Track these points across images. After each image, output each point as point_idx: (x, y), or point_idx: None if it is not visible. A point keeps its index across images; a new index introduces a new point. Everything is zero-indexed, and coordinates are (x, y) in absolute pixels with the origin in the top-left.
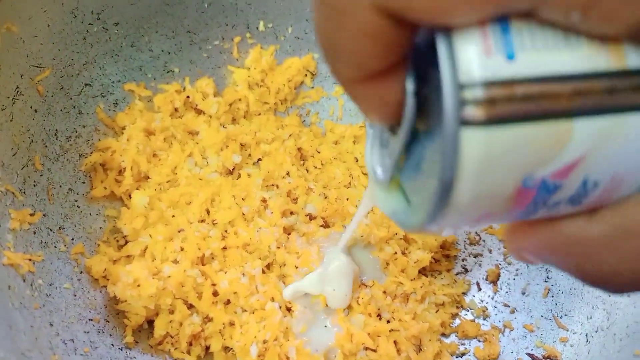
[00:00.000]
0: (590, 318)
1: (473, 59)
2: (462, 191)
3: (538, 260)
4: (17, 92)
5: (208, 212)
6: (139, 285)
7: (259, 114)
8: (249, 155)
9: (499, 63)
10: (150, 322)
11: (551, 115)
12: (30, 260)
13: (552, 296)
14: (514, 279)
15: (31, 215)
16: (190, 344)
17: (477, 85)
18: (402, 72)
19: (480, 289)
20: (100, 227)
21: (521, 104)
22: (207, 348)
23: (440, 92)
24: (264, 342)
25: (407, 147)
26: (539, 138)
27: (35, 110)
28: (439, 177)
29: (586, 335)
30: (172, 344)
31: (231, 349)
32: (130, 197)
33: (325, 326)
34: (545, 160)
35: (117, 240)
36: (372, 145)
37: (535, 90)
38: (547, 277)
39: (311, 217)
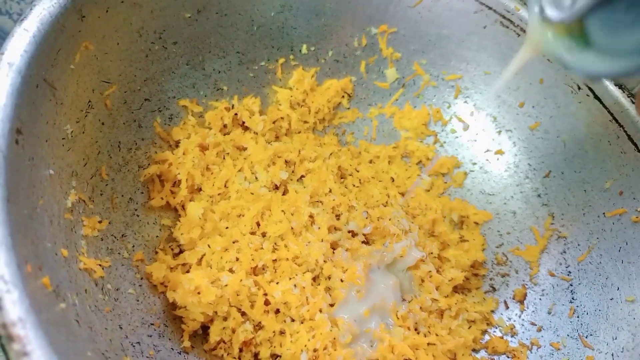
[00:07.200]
0: (616, 339)
1: None
2: None
3: None
4: (90, 105)
5: (258, 224)
6: (199, 293)
7: (299, 132)
8: (293, 171)
9: None
10: (204, 328)
11: None
12: (100, 265)
13: (578, 316)
14: (540, 299)
15: (99, 222)
16: (241, 350)
17: None
18: None
19: (507, 308)
20: (157, 236)
21: None
22: (256, 355)
23: None
24: (314, 350)
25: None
26: None
27: (103, 123)
28: None
29: (612, 355)
30: (224, 349)
31: (278, 356)
32: (183, 208)
33: (370, 340)
34: None
35: (172, 249)
36: None
37: None
38: (573, 298)
39: (353, 234)
